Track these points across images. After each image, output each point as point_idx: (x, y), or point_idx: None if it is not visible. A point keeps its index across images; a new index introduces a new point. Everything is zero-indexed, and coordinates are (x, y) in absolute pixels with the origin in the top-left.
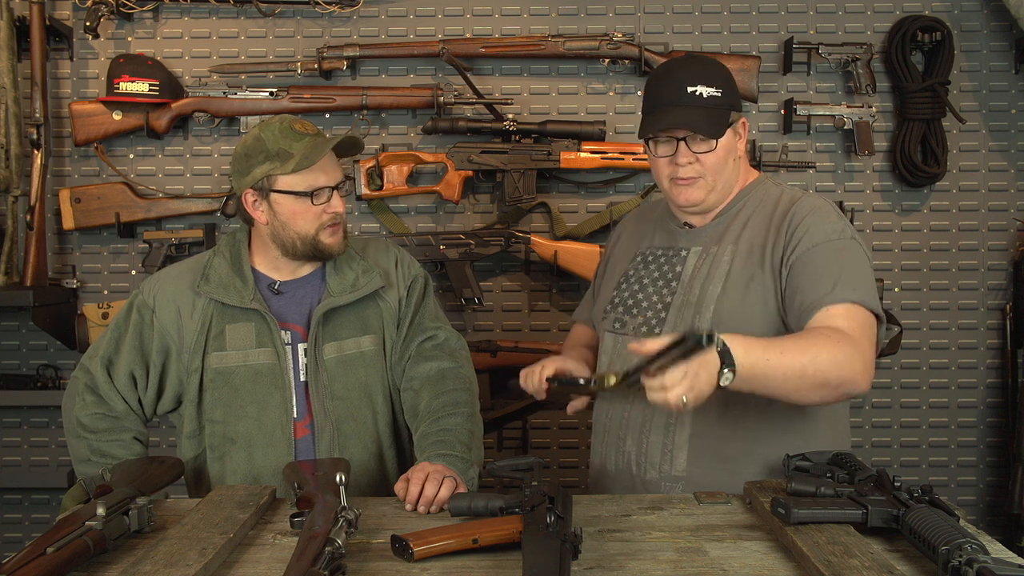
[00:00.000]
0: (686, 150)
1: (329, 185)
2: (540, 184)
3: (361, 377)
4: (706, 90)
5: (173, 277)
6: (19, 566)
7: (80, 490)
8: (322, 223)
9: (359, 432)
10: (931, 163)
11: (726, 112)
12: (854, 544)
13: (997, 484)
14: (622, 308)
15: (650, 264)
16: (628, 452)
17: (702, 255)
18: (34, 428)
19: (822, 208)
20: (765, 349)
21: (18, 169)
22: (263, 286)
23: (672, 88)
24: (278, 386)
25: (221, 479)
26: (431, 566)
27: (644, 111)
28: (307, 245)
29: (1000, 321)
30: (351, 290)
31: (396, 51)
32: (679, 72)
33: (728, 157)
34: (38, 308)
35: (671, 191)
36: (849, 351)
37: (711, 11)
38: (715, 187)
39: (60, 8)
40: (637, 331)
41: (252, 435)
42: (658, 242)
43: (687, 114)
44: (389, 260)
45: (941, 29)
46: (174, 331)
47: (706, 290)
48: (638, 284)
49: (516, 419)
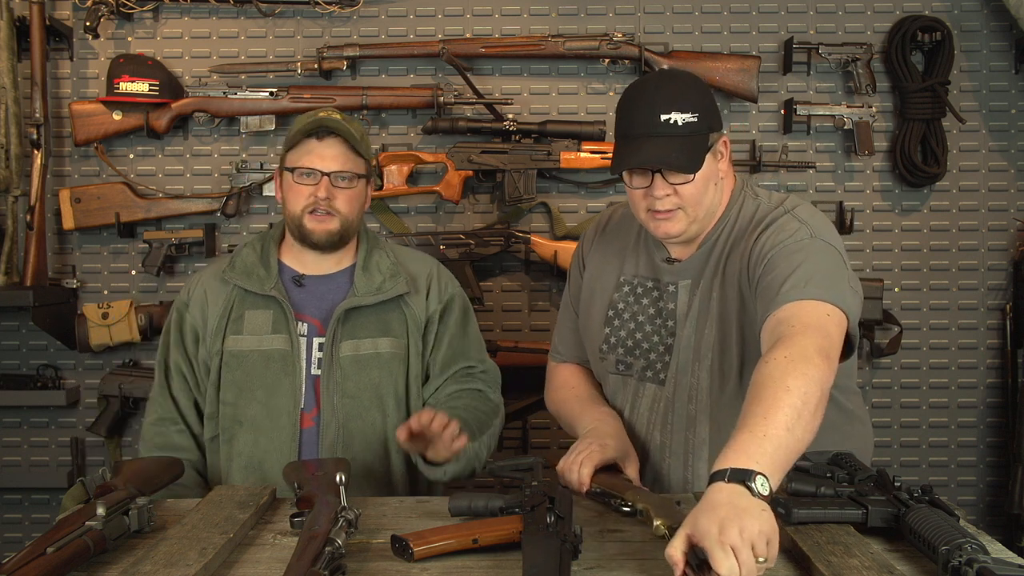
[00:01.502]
0: (662, 182)
1: (319, 169)
2: (540, 184)
3: (374, 378)
4: (681, 117)
5: (207, 271)
6: (19, 566)
7: (80, 490)
8: (307, 205)
9: (365, 433)
10: (931, 163)
11: (704, 137)
12: (854, 544)
13: (997, 484)
14: (622, 349)
15: (641, 298)
16: (669, 478)
17: (692, 290)
18: (34, 428)
19: (779, 220)
20: (760, 440)
21: (18, 169)
22: (286, 277)
23: (644, 116)
24: (288, 373)
25: (228, 460)
26: (431, 566)
27: (616, 138)
28: (295, 225)
29: (1000, 321)
30: (376, 292)
31: (396, 51)
32: (651, 97)
33: (708, 184)
34: (38, 308)
35: (649, 223)
36: (796, 355)
37: (711, 11)
38: (696, 217)
39: (60, 8)
40: (641, 375)
41: (259, 419)
42: (644, 271)
43: (661, 147)
44: (420, 269)
45: (941, 29)
46: (200, 318)
47: (702, 335)
48: (633, 322)
49: (516, 419)
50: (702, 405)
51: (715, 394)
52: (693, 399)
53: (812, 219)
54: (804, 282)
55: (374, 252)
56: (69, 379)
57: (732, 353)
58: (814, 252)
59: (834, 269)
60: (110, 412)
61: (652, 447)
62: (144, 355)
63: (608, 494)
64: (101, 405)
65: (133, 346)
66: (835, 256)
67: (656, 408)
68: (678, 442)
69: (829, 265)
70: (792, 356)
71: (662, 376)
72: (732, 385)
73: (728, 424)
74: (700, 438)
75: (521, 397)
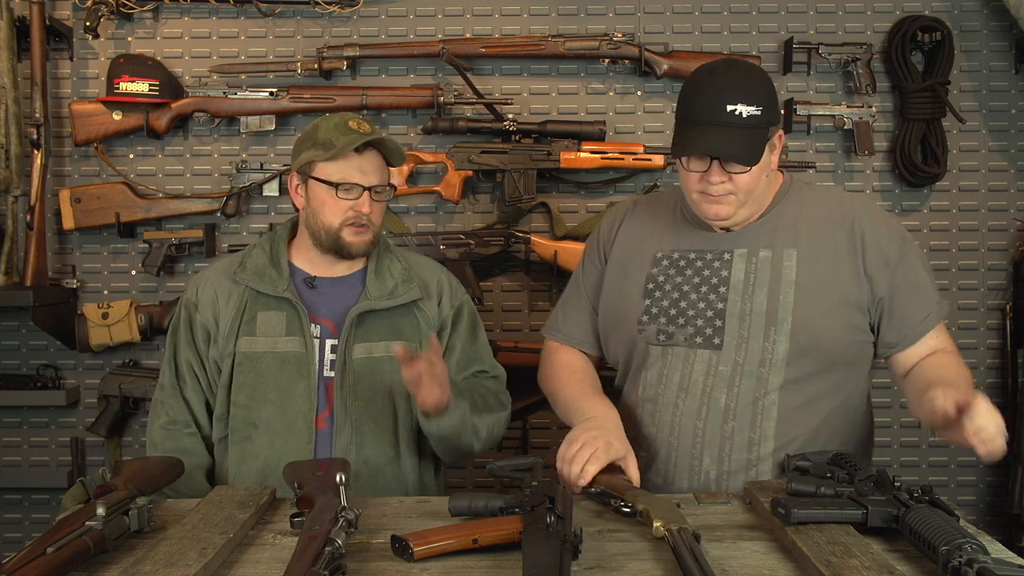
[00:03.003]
0: (719, 170)
1: (360, 184)
2: (540, 184)
3: (387, 380)
4: (746, 109)
5: (214, 270)
6: (19, 566)
7: (80, 490)
8: (346, 219)
9: (377, 434)
10: (931, 163)
11: (764, 131)
12: (854, 544)
13: (997, 484)
14: (664, 319)
15: (685, 269)
16: (707, 471)
17: (750, 259)
18: (34, 428)
19: (878, 210)
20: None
21: (18, 169)
22: (298, 279)
23: (710, 104)
24: (303, 375)
25: (241, 462)
26: (431, 566)
27: (679, 122)
28: (330, 238)
29: (1000, 321)
30: (389, 297)
31: (396, 51)
32: (719, 86)
33: (761, 174)
34: (38, 308)
35: (699, 204)
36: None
37: (711, 11)
38: (745, 203)
39: (60, 8)
40: (690, 342)
41: (274, 421)
42: (688, 244)
43: (725, 138)
44: (431, 275)
45: (941, 29)
46: (212, 318)
47: (776, 299)
48: (677, 292)
49: (516, 419)
50: (776, 368)
51: (794, 358)
52: (766, 363)
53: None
54: (929, 310)
55: (385, 257)
56: (69, 379)
57: (821, 319)
58: (920, 257)
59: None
60: (110, 412)
61: (712, 411)
62: (144, 355)
63: (608, 494)
64: (101, 405)
65: (133, 346)
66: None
67: (714, 372)
68: (745, 404)
69: (928, 271)
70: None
71: (716, 341)
72: (814, 352)
73: (798, 391)
74: (771, 400)
75: (521, 397)
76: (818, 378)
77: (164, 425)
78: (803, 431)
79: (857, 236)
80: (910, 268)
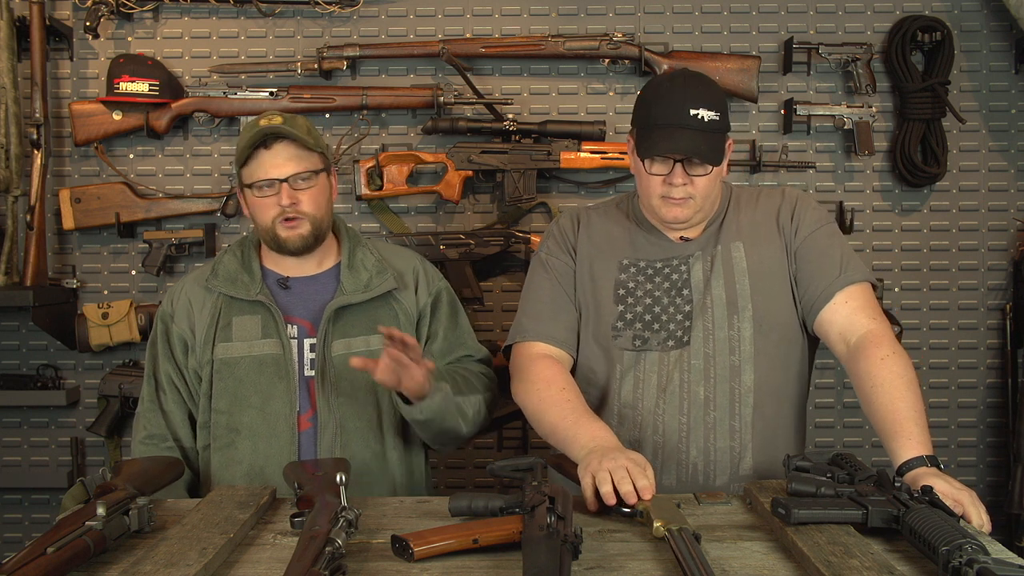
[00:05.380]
0: (682, 172)
1: (275, 178)
2: (540, 184)
3: (368, 376)
4: (707, 114)
5: (187, 280)
6: (19, 566)
7: (80, 490)
8: (275, 215)
9: (362, 430)
10: (931, 163)
11: (723, 136)
12: (854, 544)
13: (997, 484)
14: (640, 324)
15: (653, 277)
16: (694, 463)
17: (705, 258)
18: (34, 428)
19: (804, 196)
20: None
21: (18, 169)
22: (271, 281)
23: (674, 108)
24: (282, 377)
25: (224, 468)
26: (431, 566)
27: (640, 127)
28: (269, 237)
29: (1000, 321)
30: (364, 290)
31: (396, 51)
32: (682, 91)
33: (717, 178)
34: (38, 308)
35: (660, 207)
36: (891, 352)
37: (711, 11)
38: (702, 207)
39: (60, 8)
40: (663, 345)
41: (256, 425)
42: (650, 255)
43: (691, 139)
44: (405, 264)
45: (941, 29)
46: (188, 328)
47: (733, 288)
48: (649, 298)
49: (516, 419)
50: (746, 355)
51: (760, 342)
52: (736, 350)
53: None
54: (839, 271)
55: (357, 250)
56: (69, 379)
57: (775, 301)
58: (836, 234)
59: (845, 247)
60: (110, 412)
61: (693, 405)
62: (144, 355)
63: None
64: (101, 405)
65: (133, 346)
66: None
67: (687, 367)
68: (723, 393)
69: (844, 245)
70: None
71: (685, 339)
72: (777, 333)
73: (768, 372)
74: (746, 387)
75: None
76: (781, 358)
77: (142, 440)
78: (774, 412)
79: (783, 219)
80: (822, 237)
